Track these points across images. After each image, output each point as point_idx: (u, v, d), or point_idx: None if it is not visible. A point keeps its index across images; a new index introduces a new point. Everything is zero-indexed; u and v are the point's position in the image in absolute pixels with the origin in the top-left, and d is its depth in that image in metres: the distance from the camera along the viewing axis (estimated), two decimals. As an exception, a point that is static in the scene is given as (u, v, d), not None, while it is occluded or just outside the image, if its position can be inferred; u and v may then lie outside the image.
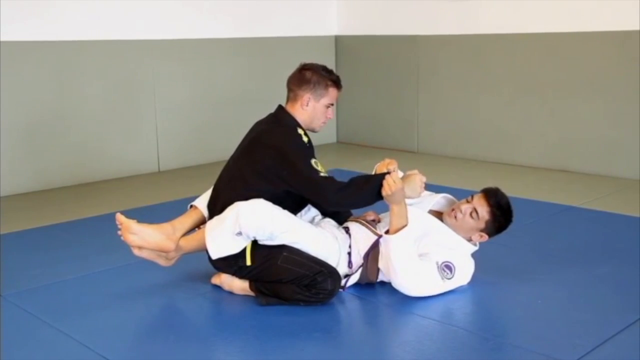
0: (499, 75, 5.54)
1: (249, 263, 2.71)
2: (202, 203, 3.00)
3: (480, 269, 2.89)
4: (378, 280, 2.89)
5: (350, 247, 2.86)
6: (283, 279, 2.69)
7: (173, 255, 2.91)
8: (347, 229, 2.93)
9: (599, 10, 4.92)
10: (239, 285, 2.82)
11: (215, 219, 2.76)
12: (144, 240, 2.81)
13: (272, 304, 2.72)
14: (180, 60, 5.53)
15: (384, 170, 2.78)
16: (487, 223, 2.84)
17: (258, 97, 5.75)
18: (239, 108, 5.81)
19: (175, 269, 2.99)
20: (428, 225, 2.84)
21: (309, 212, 3.01)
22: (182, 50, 5.53)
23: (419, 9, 5.94)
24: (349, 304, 2.77)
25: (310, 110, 2.91)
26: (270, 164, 2.77)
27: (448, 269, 2.75)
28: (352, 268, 2.85)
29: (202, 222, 2.96)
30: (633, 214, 3.99)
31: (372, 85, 6.40)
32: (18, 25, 4.64)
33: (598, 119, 5.04)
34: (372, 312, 2.76)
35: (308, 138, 2.89)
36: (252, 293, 2.79)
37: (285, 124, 2.89)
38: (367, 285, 2.88)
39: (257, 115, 3.09)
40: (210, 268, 2.87)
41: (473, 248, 2.91)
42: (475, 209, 2.82)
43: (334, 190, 2.71)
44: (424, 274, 2.71)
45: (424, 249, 2.76)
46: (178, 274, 3.04)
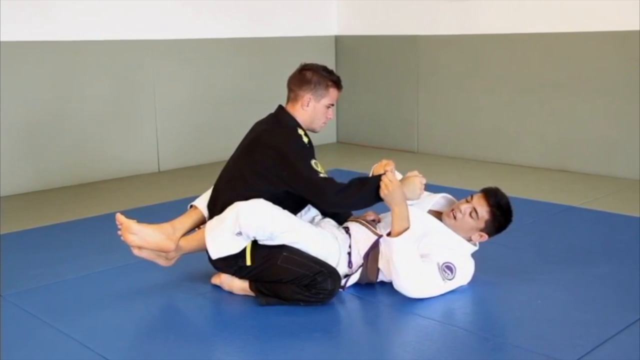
0: (499, 75, 5.53)
1: (249, 263, 2.71)
2: (202, 203, 3.00)
3: (480, 269, 2.89)
4: (378, 280, 2.88)
5: (350, 247, 2.86)
6: (283, 279, 2.69)
7: (173, 255, 2.91)
8: (347, 229, 2.93)
9: (599, 10, 4.92)
10: (239, 285, 2.82)
11: (215, 219, 2.76)
12: (144, 240, 2.81)
13: (272, 304, 2.72)
14: (180, 60, 5.53)
15: (381, 171, 2.79)
16: (486, 223, 2.84)
17: (258, 97, 5.75)
18: (239, 108, 5.81)
19: (175, 269, 2.99)
20: (428, 226, 2.83)
21: (309, 212, 3.01)
22: (182, 50, 5.53)
23: (419, 9, 5.94)
24: (349, 304, 2.77)
25: (311, 111, 2.91)
26: (270, 164, 2.77)
27: (449, 270, 2.75)
28: (352, 268, 2.85)
29: (202, 222, 2.96)
30: (633, 214, 3.99)
31: (372, 85, 6.39)
32: (18, 25, 4.64)
33: (598, 119, 5.04)
34: (372, 312, 2.76)
35: (308, 138, 2.89)
36: (252, 293, 2.79)
37: (286, 125, 2.89)
38: (367, 285, 2.88)
39: (257, 115, 3.09)
40: (210, 268, 2.87)
41: (473, 248, 2.91)
42: (475, 209, 2.82)
43: (334, 192, 2.71)
44: (426, 276, 2.71)
45: (424, 250, 2.76)
46: (178, 274, 3.04)
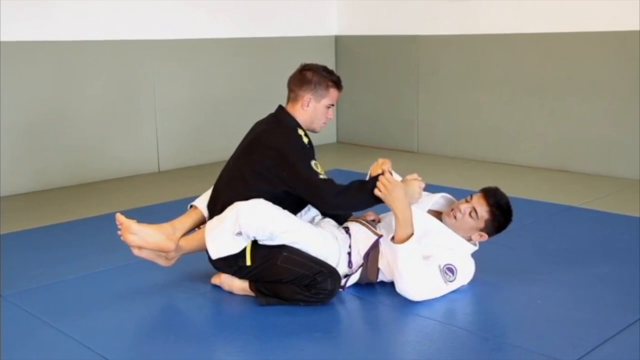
0: (499, 76, 5.53)
1: (249, 263, 2.70)
2: (202, 203, 3.00)
3: (480, 269, 2.89)
4: (378, 280, 2.88)
5: (350, 247, 2.86)
6: (283, 279, 2.69)
7: (173, 256, 2.91)
8: (347, 229, 2.93)
9: (599, 10, 4.92)
10: (239, 285, 2.82)
11: (215, 219, 2.76)
12: (144, 240, 2.81)
13: (272, 304, 2.72)
14: (180, 60, 5.53)
15: (379, 171, 2.78)
16: (486, 222, 2.83)
17: (258, 97, 5.75)
18: (239, 108, 5.81)
19: (175, 269, 2.99)
20: (428, 226, 2.83)
21: (309, 212, 3.01)
22: (182, 50, 5.53)
23: (419, 9, 5.94)
24: (349, 304, 2.77)
25: (311, 111, 2.91)
26: (270, 165, 2.77)
27: (450, 272, 2.75)
28: (352, 268, 2.85)
29: (202, 222, 2.95)
30: (633, 214, 3.98)
31: (372, 85, 6.39)
32: (18, 25, 4.64)
33: (598, 119, 5.04)
34: (372, 312, 2.76)
35: (308, 139, 2.89)
36: (252, 293, 2.79)
37: (286, 125, 2.88)
38: (367, 285, 2.88)
39: (257, 115, 3.09)
40: (210, 268, 2.87)
41: (473, 248, 2.91)
42: (475, 209, 2.82)
43: (333, 193, 2.71)
44: (429, 281, 2.70)
45: (425, 251, 2.75)
46: (178, 274, 3.04)
